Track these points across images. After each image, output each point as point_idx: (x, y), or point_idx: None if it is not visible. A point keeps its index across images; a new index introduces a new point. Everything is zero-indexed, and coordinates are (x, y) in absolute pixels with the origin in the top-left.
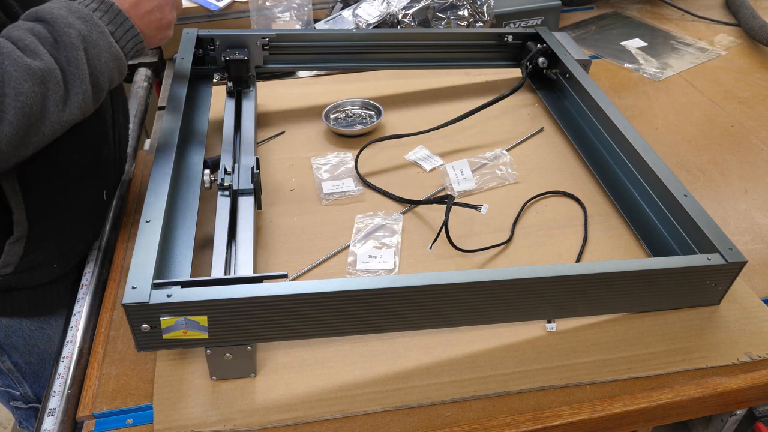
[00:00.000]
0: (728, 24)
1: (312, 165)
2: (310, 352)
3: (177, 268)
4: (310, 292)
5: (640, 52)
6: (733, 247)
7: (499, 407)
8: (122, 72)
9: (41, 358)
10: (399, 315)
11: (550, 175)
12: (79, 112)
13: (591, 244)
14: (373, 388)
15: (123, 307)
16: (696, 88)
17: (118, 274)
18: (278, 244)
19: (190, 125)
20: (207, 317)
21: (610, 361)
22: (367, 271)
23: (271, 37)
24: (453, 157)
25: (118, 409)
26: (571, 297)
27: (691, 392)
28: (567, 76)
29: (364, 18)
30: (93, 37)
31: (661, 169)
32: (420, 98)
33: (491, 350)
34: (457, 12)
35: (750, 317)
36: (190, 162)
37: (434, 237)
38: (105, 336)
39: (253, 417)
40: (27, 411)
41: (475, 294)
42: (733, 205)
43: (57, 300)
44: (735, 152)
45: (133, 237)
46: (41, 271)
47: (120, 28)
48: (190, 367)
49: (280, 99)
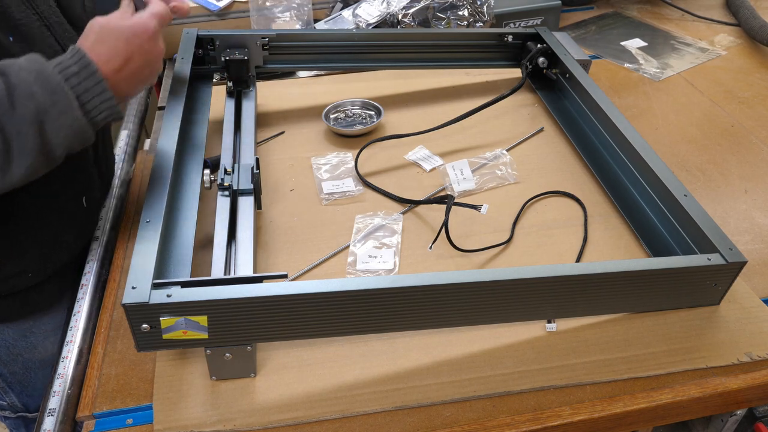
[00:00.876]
0: (728, 24)
1: (312, 165)
2: (310, 352)
3: (177, 268)
4: (310, 292)
5: (640, 52)
6: (733, 247)
7: (499, 407)
8: (86, 142)
9: (26, 367)
10: (399, 315)
11: (550, 175)
12: (24, 179)
13: (591, 244)
14: (373, 388)
15: (123, 307)
16: (696, 88)
17: (118, 274)
18: (278, 244)
19: (190, 125)
20: (207, 317)
21: (610, 361)
22: (367, 271)
23: (271, 37)
24: (453, 157)
25: (118, 409)
26: (571, 297)
27: (691, 392)
28: (567, 76)
29: (364, 18)
30: (54, 112)
31: (661, 169)
32: (420, 98)
33: (491, 350)
34: (457, 12)
35: (750, 317)
36: (190, 162)
37: (434, 237)
38: (105, 336)
39: (253, 417)
40: (15, 420)
41: (475, 294)
42: (733, 205)
43: (39, 307)
44: (735, 152)
45: (133, 237)
46: (16, 279)
47: (96, 99)
48: (190, 367)
49: (280, 99)
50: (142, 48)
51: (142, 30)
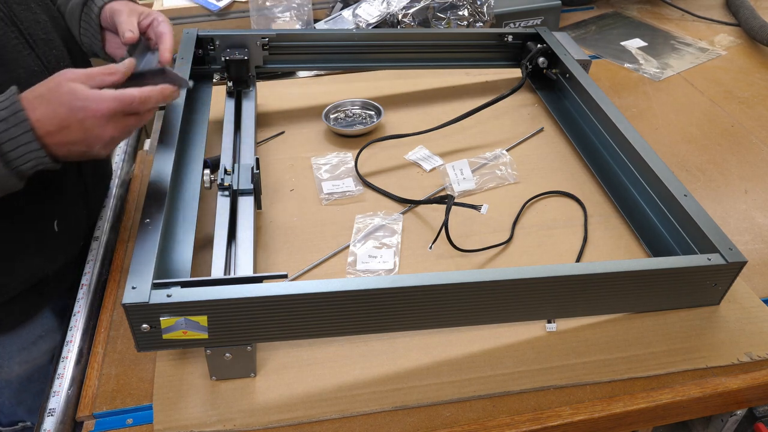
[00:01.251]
0: (728, 24)
1: (312, 165)
2: (310, 352)
3: (177, 268)
4: (310, 292)
5: (640, 52)
6: (733, 247)
7: (499, 407)
8: (10, 189)
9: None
10: (399, 315)
11: (550, 175)
12: None
13: (591, 244)
14: (373, 388)
15: (123, 307)
16: (696, 88)
17: (118, 274)
18: (278, 244)
19: (190, 125)
20: (207, 317)
21: (610, 361)
22: (367, 271)
23: (271, 37)
24: (453, 157)
25: (117, 409)
26: (571, 297)
27: (691, 392)
28: (567, 76)
29: (364, 18)
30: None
31: (661, 169)
32: (420, 98)
33: (491, 350)
34: (457, 12)
35: (750, 317)
36: (190, 162)
37: (434, 237)
38: (105, 336)
39: (253, 417)
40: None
41: (475, 294)
42: (733, 205)
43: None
44: (735, 152)
45: (133, 237)
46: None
47: (21, 148)
48: (190, 367)
49: (280, 99)
50: (83, 124)
51: (93, 107)
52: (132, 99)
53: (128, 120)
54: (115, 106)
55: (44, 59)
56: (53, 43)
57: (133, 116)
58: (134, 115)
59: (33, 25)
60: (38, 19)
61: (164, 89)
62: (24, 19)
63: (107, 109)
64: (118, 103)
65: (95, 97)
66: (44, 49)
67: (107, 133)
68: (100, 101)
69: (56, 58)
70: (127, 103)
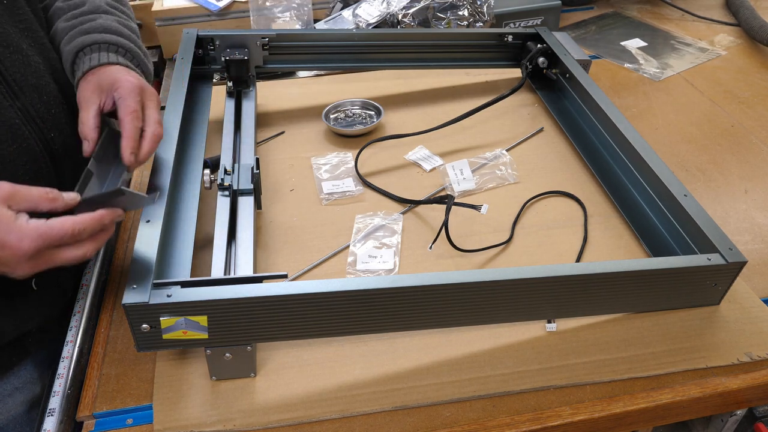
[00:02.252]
0: (728, 24)
1: (312, 165)
2: (310, 352)
3: (177, 268)
4: (310, 292)
5: (640, 52)
6: (733, 247)
7: (499, 407)
8: None
9: None
10: (399, 315)
11: (550, 175)
12: None
13: (591, 244)
14: (373, 388)
15: (123, 307)
16: (696, 88)
17: (118, 274)
18: (278, 244)
19: (190, 125)
20: (207, 317)
21: (610, 361)
22: (367, 271)
23: (271, 37)
24: (453, 157)
25: (118, 409)
26: (571, 297)
27: (691, 392)
28: (567, 76)
29: (364, 18)
30: None
31: (661, 169)
32: (420, 98)
33: (491, 350)
34: (457, 12)
35: (750, 317)
36: (190, 162)
37: (434, 237)
38: (105, 336)
39: (252, 417)
40: None
41: (475, 294)
42: (733, 205)
43: None
44: (735, 152)
45: (133, 237)
46: None
47: None
48: (189, 367)
49: (280, 99)
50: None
51: (13, 243)
52: (62, 235)
53: (61, 253)
54: (38, 245)
55: (32, 108)
56: (46, 88)
57: (67, 247)
58: (68, 246)
59: (21, 70)
60: (29, 62)
61: (103, 217)
62: (9, 65)
63: (29, 248)
64: (42, 242)
65: (17, 231)
66: (32, 97)
67: (27, 269)
68: (21, 238)
69: (46, 105)
70: (56, 239)
